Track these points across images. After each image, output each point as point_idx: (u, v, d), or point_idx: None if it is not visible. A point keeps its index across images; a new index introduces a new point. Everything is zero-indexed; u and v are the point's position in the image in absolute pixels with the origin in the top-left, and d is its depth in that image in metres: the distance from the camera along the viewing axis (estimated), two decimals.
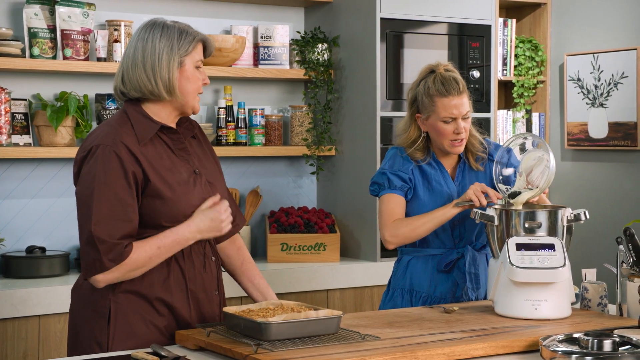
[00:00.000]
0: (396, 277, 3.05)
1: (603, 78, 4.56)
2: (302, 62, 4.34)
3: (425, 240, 2.98)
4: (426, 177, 2.98)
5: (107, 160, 2.37)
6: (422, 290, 2.97)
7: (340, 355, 2.11)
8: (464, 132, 2.93)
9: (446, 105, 2.91)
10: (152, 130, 2.46)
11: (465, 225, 2.97)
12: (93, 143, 2.41)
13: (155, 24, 2.48)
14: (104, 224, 2.34)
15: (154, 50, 2.43)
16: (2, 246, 3.74)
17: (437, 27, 4.30)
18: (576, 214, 2.68)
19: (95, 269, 2.35)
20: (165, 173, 2.44)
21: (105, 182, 2.36)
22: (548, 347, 2.15)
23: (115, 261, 2.34)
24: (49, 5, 3.82)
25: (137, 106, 2.48)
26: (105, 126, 2.47)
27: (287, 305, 2.39)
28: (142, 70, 2.44)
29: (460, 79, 2.96)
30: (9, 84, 3.82)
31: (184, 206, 2.44)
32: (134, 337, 2.41)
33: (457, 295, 2.94)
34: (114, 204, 2.35)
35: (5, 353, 3.40)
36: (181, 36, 2.45)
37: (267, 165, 4.45)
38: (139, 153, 2.41)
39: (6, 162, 3.84)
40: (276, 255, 4.14)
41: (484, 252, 3.01)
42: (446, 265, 2.95)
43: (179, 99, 2.47)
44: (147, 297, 2.44)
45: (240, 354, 2.14)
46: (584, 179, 4.72)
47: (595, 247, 4.56)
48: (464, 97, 2.93)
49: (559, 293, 2.58)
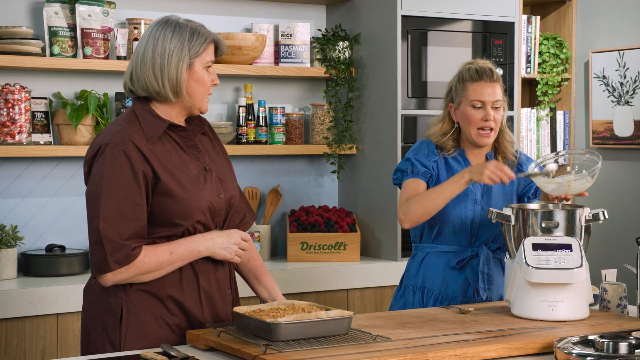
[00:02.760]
0: (409, 274, 3.03)
1: (629, 75, 4.49)
2: (323, 60, 4.32)
3: (441, 237, 2.96)
4: (451, 171, 2.96)
5: (115, 159, 2.36)
6: (434, 287, 2.95)
7: (349, 356, 2.08)
8: (493, 122, 2.91)
9: (476, 89, 2.92)
10: (160, 129, 2.44)
11: (483, 225, 2.94)
12: (102, 142, 2.40)
13: (168, 22, 2.45)
14: (112, 223, 2.33)
15: (164, 50, 2.41)
16: (21, 244, 3.75)
17: (460, 25, 4.26)
18: (595, 213, 2.63)
19: (102, 268, 2.34)
20: (175, 171, 2.42)
21: (114, 181, 2.35)
22: (562, 350, 2.11)
23: (120, 263, 2.33)
24: (69, 3, 3.83)
25: (145, 105, 2.47)
26: (113, 125, 2.46)
27: (299, 305, 2.36)
28: (151, 70, 2.42)
29: (496, 70, 2.96)
30: (29, 83, 3.83)
31: (195, 203, 2.43)
32: (146, 336, 2.40)
33: (469, 295, 2.91)
34: (122, 202, 2.35)
35: (24, 351, 3.41)
36: (193, 37, 2.43)
37: (288, 164, 4.43)
38: (148, 151, 2.40)
39: (26, 161, 3.86)
40: (296, 255, 4.13)
41: (499, 255, 2.99)
42: (459, 262, 2.92)
43: (185, 101, 2.46)
44: (158, 295, 2.43)
45: (249, 355, 2.12)
46: (609, 178, 4.65)
47: (616, 247, 4.49)
48: (496, 86, 2.93)
49: (576, 294, 2.53)
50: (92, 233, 2.36)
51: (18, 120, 3.69)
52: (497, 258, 2.99)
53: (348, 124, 4.34)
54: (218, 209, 2.49)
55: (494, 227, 2.93)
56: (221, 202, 2.50)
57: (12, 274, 3.62)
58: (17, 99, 3.69)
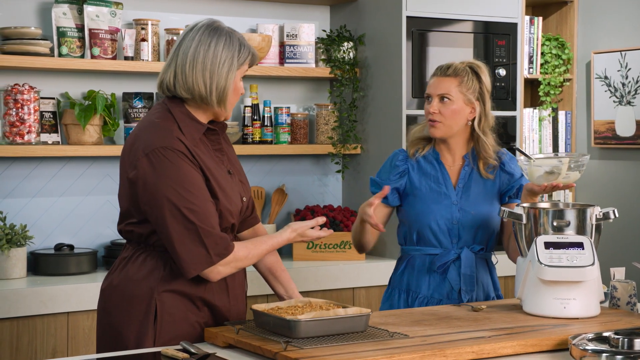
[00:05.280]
0: (395, 275, 3.04)
1: (631, 76, 4.53)
2: (328, 61, 4.35)
3: (423, 239, 2.94)
4: (424, 174, 2.96)
5: (176, 159, 2.34)
6: (418, 290, 2.94)
7: (369, 352, 2.11)
8: (439, 115, 2.89)
9: (429, 83, 2.96)
10: (199, 132, 2.45)
11: (463, 226, 2.92)
12: (153, 146, 2.36)
13: (218, 30, 2.44)
14: (201, 218, 2.33)
15: (216, 57, 2.41)
16: (31, 244, 3.77)
17: (463, 25, 4.29)
18: (605, 212, 2.66)
19: (204, 263, 2.35)
20: (215, 173, 2.44)
21: (186, 180, 2.34)
22: (578, 346, 2.14)
23: (221, 255, 2.36)
24: (78, 4, 3.85)
25: (181, 107, 2.45)
26: (153, 127, 2.42)
27: (316, 303, 2.39)
28: (200, 74, 2.40)
29: (460, 67, 2.92)
30: (37, 83, 3.85)
31: (230, 206, 2.46)
32: (178, 336, 2.40)
33: (453, 297, 2.90)
34: (199, 198, 2.35)
35: (35, 349, 3.43)
36: (241, 48, 2.44)
37: (293, 164, 4.46)
38: (195, 153, 2.41)
39: (35, 161, 3.88)
40: (302, 254, 4.15)
41: (484, 255, 2.97)
42: (440, 266, 2.91)
43: (224, 109, 2.47)
44: (190, 296, 2.44)
45: (269, 352, 2.15)
46: (611, 178, 4.69)
47: (624, 245, 4.53)
48: (447, 80, 2.91)
49: (587, 292, 2.57)
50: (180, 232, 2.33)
51: (27, 120, 3.71)
52: (483, 259, 2.97)
53: (352, 124, 4.36)
54: (242, 211, 2.53)
55: (476, 228, 2.92)
56: (245, 204, 2.55)
57: (22, 272, 3.64)
58: (26, 99, 3.71)
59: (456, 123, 2.92)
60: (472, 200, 2.93)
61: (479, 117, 2.94)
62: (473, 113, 2.93)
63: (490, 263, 3.01)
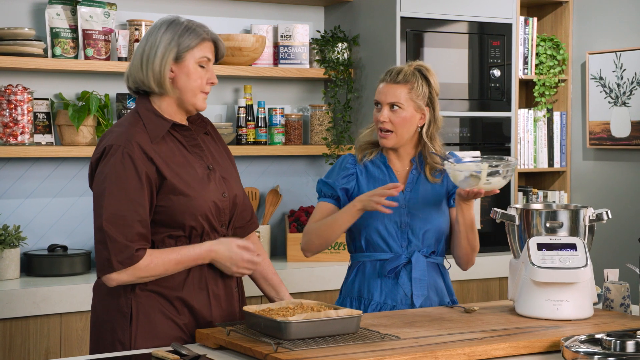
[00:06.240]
0: (346, 283, 2.97)
1: (625, 77, 4.53)
2: (322, 62, 4.34)
3: (373, 245, 2.88)
4: (371, 178, 2.91)
5: (118, 161, 2.38)
6: (371, 297, 2.87)
7: (360, 354, 2.11)
8: (389, 124, 2.84)
9: (378, 89, 2.90)
10: (164, 129, 2.47)
11: (412, 229, 2.87)
12: (106, 144, 2.43)
13: (167, 20, 2.50)
14: (115, 224, 2.35)
15: (154, 42, 2.46)
16: (24, 245, 3.76)
17: (458, 26, 4.29)
18: (598, 213, 2.66)
19: (106, 268, 2.37)
20: (179, 170, 2.45)
21: (117, 182, 2.37)
22: (570, 348, 2.14)
23: (124, 264, 2.35)
24: (71, 5, 3.84)
25: (148, 104, 2.50)
26: (118, 127, 2.49)
27: (307, 304, 2.39)
28: (139, 61, 2.46)
29: (409, 72, 2.87)
30: (31, 84, 3.84)
31: (200, 202, 2.45)
32: (156, 335, 2.43)
33: (407, 303, 2.84)
34: (124, 203, 2.36)
35: (28, 350, 3.42)
36: (186, 32, 2.46)
37: (287, 165, 4.45)
38: (152, 152, 2.42)
39: (28, 161, 3.87)
40: (296, 255, 4.15)
41: (435, 259, 2.90)
42: (390, 270, 2.85)
43: (170, 94, 2.48)
44: (167, 296, 2.45)
45: (260, 353, 2.14)
46: (606, 179, 4.69)
47: (618, 247, 4.53)
48: (397, 87, 2.85)
49: (580, 293, 2.56)
50: (96, 233, 2.38)
51: (20, 121, 3.70)
52: (435, 263, 2.90)
53: (347, 124, 4.36)
54: (222, 208, 2.51)
55: (425, 232, 2.86)
56: (225, 200, 2.53)
57: (15, 274, 3.64)
58: (19, 100, 3.70)
59: (407, 131, 2.87)
60: (420, 204, 2.88)
61: (429, 122, 2.90)
62: (423, 119, 2.89)
63: (443, 268, 2.94)
